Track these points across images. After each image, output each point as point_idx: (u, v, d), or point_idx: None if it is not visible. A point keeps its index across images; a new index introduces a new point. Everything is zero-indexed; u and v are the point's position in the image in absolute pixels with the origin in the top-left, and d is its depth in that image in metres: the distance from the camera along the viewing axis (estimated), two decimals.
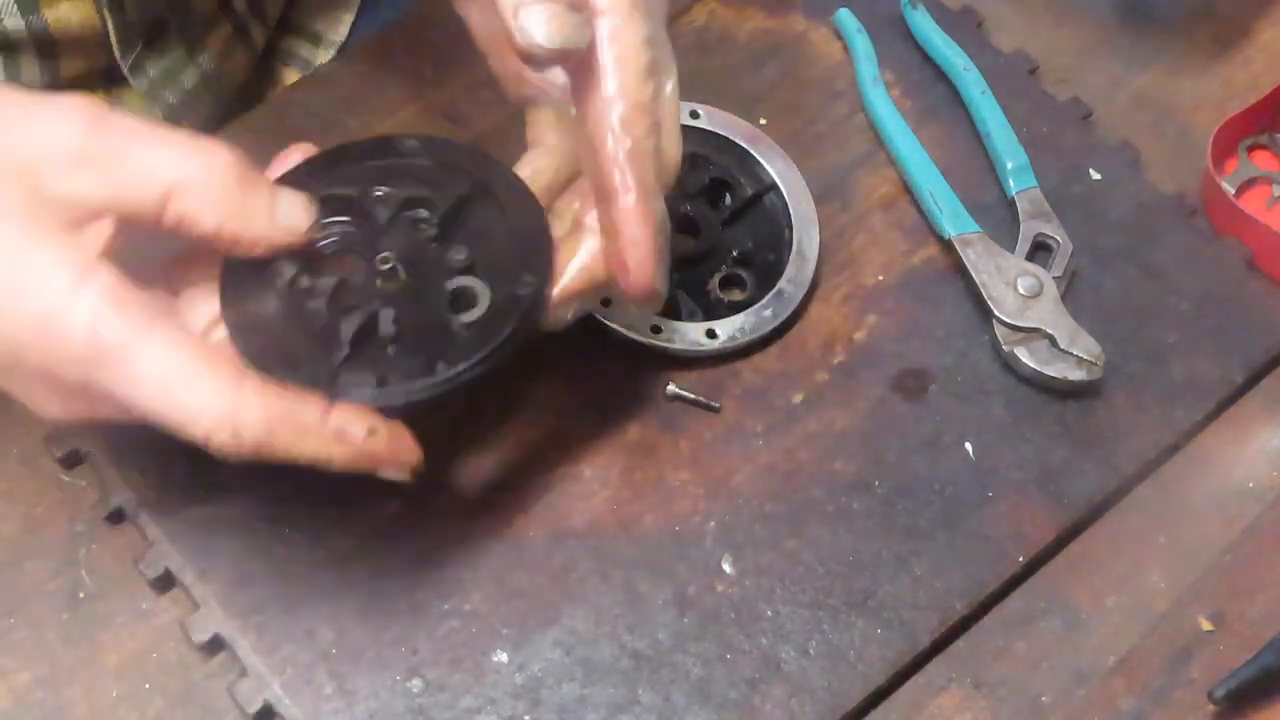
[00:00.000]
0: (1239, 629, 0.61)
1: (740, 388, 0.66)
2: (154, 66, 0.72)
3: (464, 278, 0.55)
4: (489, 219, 0.56)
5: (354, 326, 0.53)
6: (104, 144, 0.49)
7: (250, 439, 0.49)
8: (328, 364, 0.52)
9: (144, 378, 0.48)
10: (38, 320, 0.48)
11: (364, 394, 0.51)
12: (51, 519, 0.61)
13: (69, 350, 0.48)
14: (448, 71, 0.74)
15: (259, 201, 0.51)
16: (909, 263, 0.70)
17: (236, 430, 0.48)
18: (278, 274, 0.53)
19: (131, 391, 0.48)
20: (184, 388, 0.48)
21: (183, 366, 0.48)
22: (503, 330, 0.53)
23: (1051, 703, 0.60)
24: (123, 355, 0.48)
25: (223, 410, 0.48)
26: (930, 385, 0.67)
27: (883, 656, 0.60)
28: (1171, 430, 0.66)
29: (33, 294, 0.48)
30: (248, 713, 0.57)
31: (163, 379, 0.48)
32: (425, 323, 0.54)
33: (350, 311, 0.53)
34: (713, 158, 0.71)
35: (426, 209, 0.56)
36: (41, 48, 0.68)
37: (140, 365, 0.48)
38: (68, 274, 0.48)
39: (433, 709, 0.58)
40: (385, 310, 0.53)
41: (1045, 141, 0.73)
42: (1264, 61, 0.79)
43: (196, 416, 0.48)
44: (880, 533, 0.63)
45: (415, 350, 0.53)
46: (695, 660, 0.59)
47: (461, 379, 0.52)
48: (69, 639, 0.59)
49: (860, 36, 0.75)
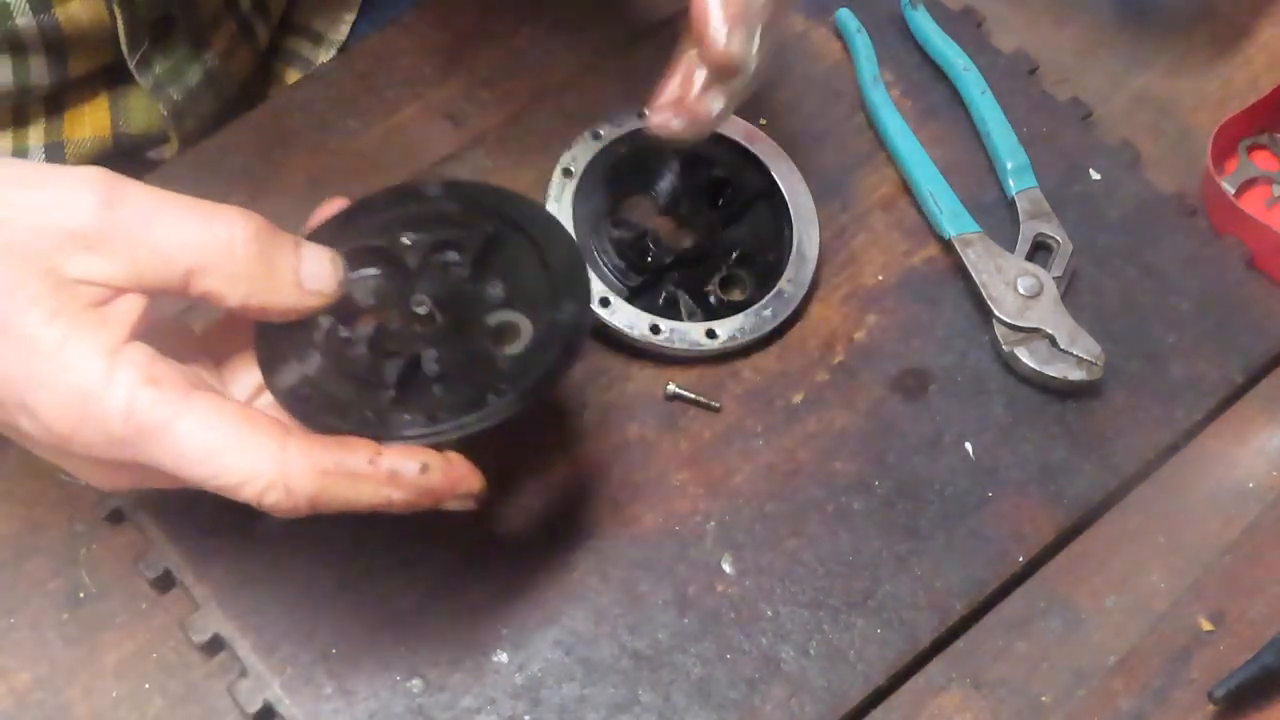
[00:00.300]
0: (1239, 629, 0.61)
1: (740, 388, 0.66)
2: (160, 63, 0.73)
3: (503, 311, 0.55)
4: (520, 253, 0.57)
5: (398, 369, 0.53)
6: (120, 221, 0.48)
7: (304, 495, 0.48)
8: (375, 408, 0.52)
9: (188, 450, 0.48)
10: (76, 409, 0.47)
11: (416, 432, 0.51)
12: (51, 519, 0.61)
13: (110, 434, 0.48)
14: (448, 71, 0.74)
15: (284, 270, 0.51)
16: (909, 263, 0.70)
17: (289, 488, 0.48)
18: (314, 327, 0.53)
19: (177, 465, 0.48)
20: (230, 454, 0.48)
21: (225, 433, 0.48)
22: (549, 356, 0.53)
23: (1051, 703, 0.60)
24: (164, 432, 0.48)
25: (272, 471, 0.48)
26: (930, 385, 0.67)
27: (883, 656, 0.60)
28: (1171, 430, 0.66)
29: (67, 383, 0.47)
30: (248, 713, 0.57)
31: (207, 449, 0.48)
32: (469, 358, 0.54)
33: (392, 356, 0.53)
34: (713, 158, 0.71)
35: (456, 251, 0.56)
36: (51, 46, 0.68)
37: (182, 439, 0.48)
38: (99, 359, 0.47)
39: (433, 709, 0.58)
40: (428, 351, 0.53)
41: (1045, 141, 0.73)
42: (1264, 61, 0.79)
43: (247, 480, 0.48)
44: (880, 533, 0.63)
45: (463, 386, 0.53)
46: (695, 660, 0.59)
47: (514, 408, 0.52)
48: (69, 639, 0.59)
49: (860, 36, 0.75)
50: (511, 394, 0.52)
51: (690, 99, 0.59)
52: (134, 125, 0.75)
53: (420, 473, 0.50)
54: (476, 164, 0.69)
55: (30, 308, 0.47)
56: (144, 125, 0.75)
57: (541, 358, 0.53)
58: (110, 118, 0.74)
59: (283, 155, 0.71)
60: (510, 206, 0.57)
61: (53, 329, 0.47)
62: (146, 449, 0.48)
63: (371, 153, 0.72)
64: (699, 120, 0.60)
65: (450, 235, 0.56)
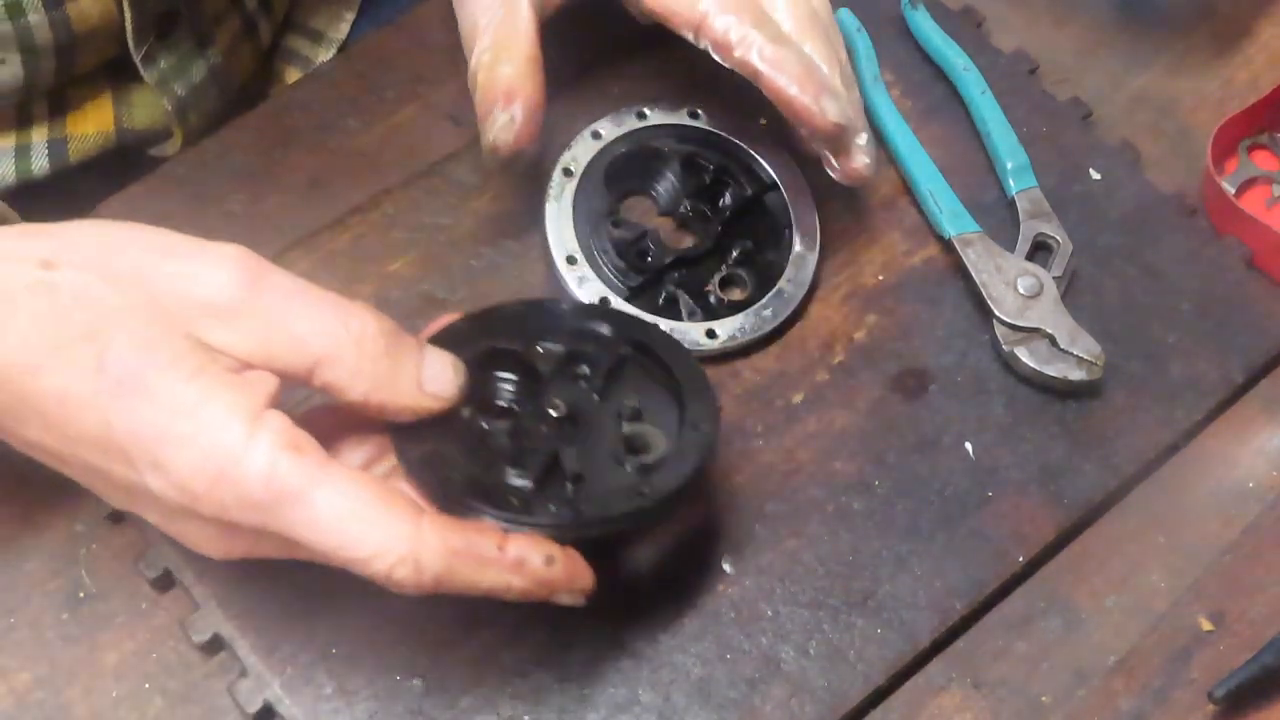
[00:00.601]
0: (1239, 629, 0.62)
1: (740, 387, 0.66)
2: (165, 59, 0.73)
3: (636, 424, 0.58)
4: (648, 374, 0.60)
5: (542, 462, 0.55)
6: (261, 302, 0.50)
7: (431, 573, 0.49)
8: (518, 496, 0.54)
9: (323, 520, 0.48)
10: (214, 470, 0.48)
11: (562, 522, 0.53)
12: (51, 519, 0.61)
13: (246, 497, 0.48)
14: (448, 71, 0.73)
15: (406, 371, 0.52)
16: (909, 263, 0.70)
17: (419, 566, 0.49)
18: (455, 415, 0.54)
19: (310, 534, 0.49)
20: (365, 526, 0.49)
21: (361, 507, 0.49)
22: (686, 467, 0.56)
23: (1051, 703, 0.60)
24: (301, 499, 0.48)
25: (405, 547, 0.49)
26: (930, 385, 0.67)
27: (883, 656, 0.60)
28: (1171, 430, 0.66)
29: (207, 444, 0.48)
30: (248, 713, 0.57)
31: (343, 519, 0.49)
32: (604, 462, 0.56)
33: (533, 452, 0.55)
34: (713, 158, 0.71)
35: (588, 364, 0.59)
36: (60, 42, 0.68)
37: (319, 507, 0.48)
38: (241, 422, 0.48)
39: (433, 709, 0.58)
40: (568, 449, 0.56)
41: (1045, 141, 0.73)
42: (1264, 61, 0.79)
43: (379, 554, 0.49)
44: (880, 533, 0.63)
45: (599, 487, 0.55)
46: (695, 660, 0.59)
47: (658, 513, 0.55)
48: (69, 639, 0.59)
49: (860, 36, 0.75)
50: (653, 499, 0.55)
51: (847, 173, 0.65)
52: (137, 121, 0.75)
53: (545, 564, 0.51)
54: (477, 164, 0.69)
55: (171, 366, 0.48)
56: (147, 121, 0.75)
57: (678, 469, 0.56)
58: (114, 113, 0.74)
59: (283, 155, 0.71)
60: (635, 329, 0.61)
61: (193, 387, 0.48)
62: (282, 515, 0.48)
63: (371, 153, 0.72)
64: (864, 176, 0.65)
65: (583, 348, 0.59)
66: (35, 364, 0.49)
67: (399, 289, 0.67)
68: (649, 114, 0.71)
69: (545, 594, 0.52)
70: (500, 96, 0.62)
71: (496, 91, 0.62)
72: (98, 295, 0.49)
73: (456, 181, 0.71)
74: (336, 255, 0.68)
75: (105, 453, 0.50)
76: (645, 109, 0.71)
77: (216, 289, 0.50)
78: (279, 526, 0.49)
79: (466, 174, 0.71)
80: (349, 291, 0.66)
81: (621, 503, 0.54)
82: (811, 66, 0.63)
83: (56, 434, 0.50)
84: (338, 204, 0.70)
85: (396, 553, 0.49)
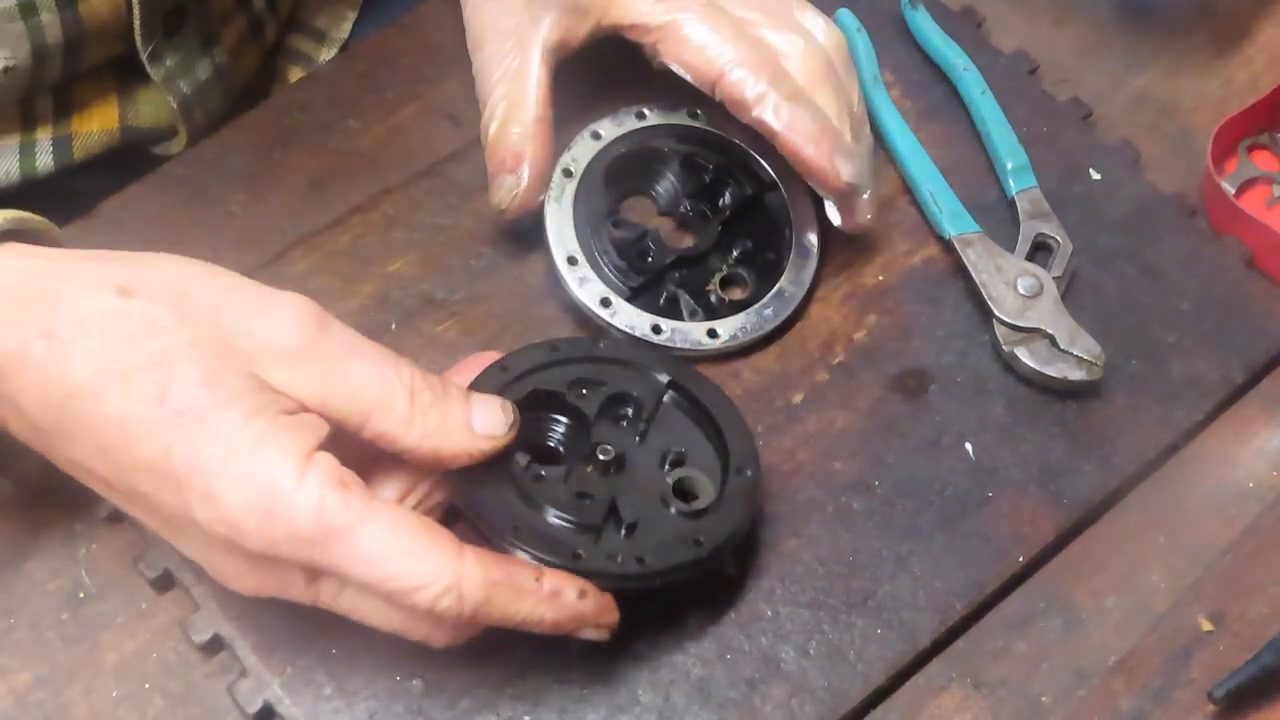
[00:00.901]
0: (1239, 629, 0.61)
1: (740, 387, 0.66)
2: (171, 56, 0.73)
3: (681, 469, 0.59)
4: (685, 412, 0.62)
5: (602, 512, 0.57)
6: (323, 349, 0.53)
7: (472, 603, 0.51)
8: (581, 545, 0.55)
9: (371, 553, 0.50)
10: (265, 504, 0.49)
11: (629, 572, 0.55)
12: (51, 519, 0.61)
13: (295, 531, 0.50)
14: (448, 71, 0.74)
15: (456, 417, 0.54)
16: (909, 263, 0.70)
17: (461, 595, 0.51)
18: (509, 460, 0.56)
19: (358, 567, 0.50)
20: (411, 559, 0.50)
21: (407, 540, 0.51)
22: (735, 514, 0.58)
23: (1051, 703, 0.60)
24: (349, 534, 0.50)
25: (449, 578, 0.50)
26: (930, 385, 0.67)
27: (883, 656, 0.60)
28: (1171, 430, 0.66)
29: (261, 479, 0.50)
30: (248, 713, 0.57)
31: (389, 553, 0.50)
32: (653, 510, 0.58)
33: (589, 499, 0.57)
34: (712, 158, 0.71)
35: (629, 406, 0.61)
36: (69, 39, 0.68)
37: (367, 541, 0.50)
38: (293, 461, 0.50)
39: (433, 709, 0.58)
40: (623, 498, 0.57)
41: (1045, 141, 0.73)
42: (1264, 61, 0.79)
43: (424, 585, 0.50)
44: (880, 533, 0.63)
45: (651, 535, 0.57)
46: (695, 660, 0.59)
47: (713, 564, 0.57)
48: (69, 639, 0.59)
49: (860, 36, 0.75)
50: (710, 549, 0.56)
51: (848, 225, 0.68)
52: (142, 119, 0.75)
53: (578, 598, 0.54)
54: (477, 164, 0.69)
55: (231, 404, 0.50)
56: (152, 119, 0.75)
57: (728, 516, 0.58)
58: (119, 111, 0.74)
59: (283, 155, 0.71)
60: (673, 369, 0.62)
61: (251, 427, 0.50)
62: (329, 549, 0.50)
63: (371, 153, 0.72)
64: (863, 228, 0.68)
65: (624, 390, 0.60)
66: (100, 387, 0.50)
67: (399, 289, 0.67)
68: (649, 114, 0.71)
69: (574, 628, 0.54)
70: (508, 158, 0.65)
71: (505, 153, 0.65)
72: (167, 326, 0.51)
73: (456, 181, 0.71)
74: (336, 255, 0.68)
75: (157, 481, 0.51)
76: (645, 109, 0.71)
77: (281, 334, 0.52)
78: (326, 560, 0.50)
79: (466, 174, 0.71)
80: (349, 291, 0.67)
81: (679, 552, 0.56)
82: (826, 125, 0.64)
83: (110, 459, 0.51)
84: (338, 204, 0.70)
85: (442, 583, 0.50)
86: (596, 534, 0.56)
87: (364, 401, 0.52)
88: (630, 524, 0.57)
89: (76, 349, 0.51)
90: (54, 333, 0.51)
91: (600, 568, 0.55)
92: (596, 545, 0.56)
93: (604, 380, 0.60)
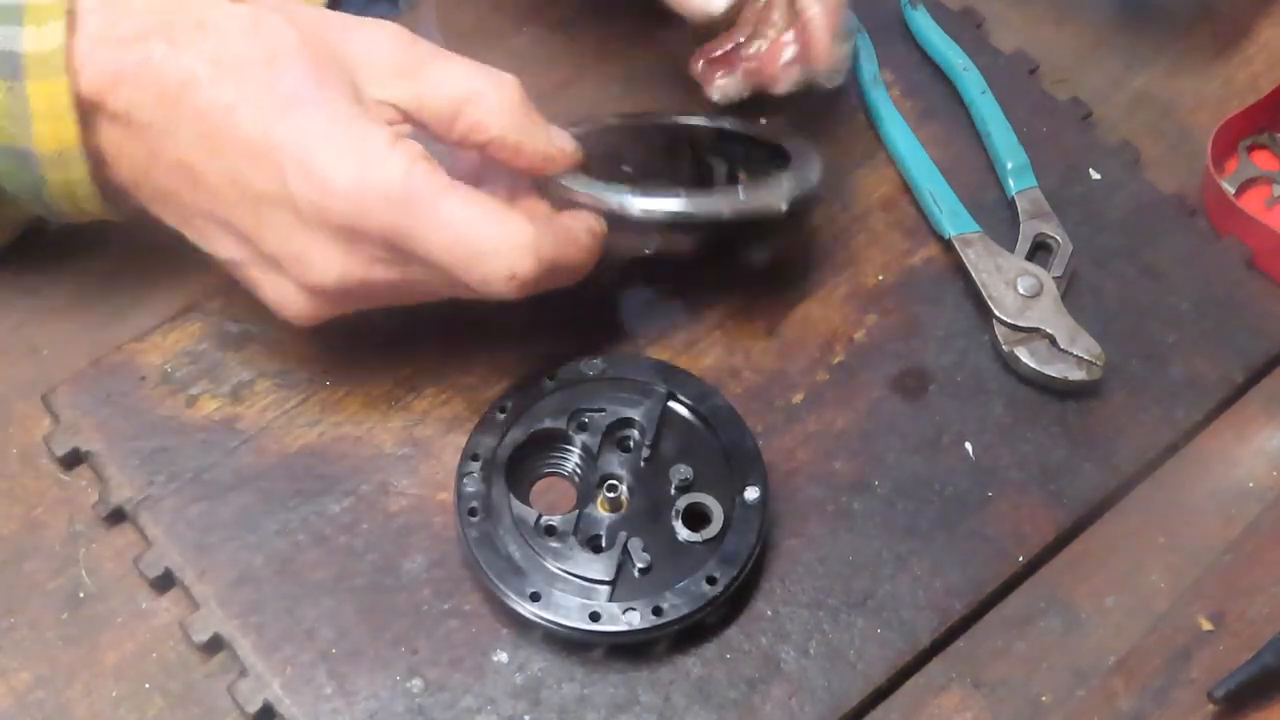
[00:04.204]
0: (1239, 629, 0.61)
1: (740, 387, 0.66)
2: None
3: (690, 495, 0.60)
4: (692, 433, 0.62)
5: (615, 564, 0.58)
6: (412, 59, 0.57)
7: (549, 260, 0.56)
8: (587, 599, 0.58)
9: (452, 219, 0.54)
10: (357, 168, 0.54)
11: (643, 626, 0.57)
12: (51, 519, 0.61)
13: (385, 193, 0.54)
14: None
15: (537, 121, 0.58)
16: (909, 263, 0.70)
17: (539, 253, 0.55)
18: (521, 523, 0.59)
19: (439, 233, 0.54)
20: (491, 224, 0.55)
21: (486, 209, 0.55)
22: (746, 541, 0.59)
23: (1051, 703, 0.60)
24: (433, 201, 0.54)
25: (527, 236, 0.55)
26: (930, 385, 0.67)
27: (883, 656, 0.60)
28: (1171, 430, 0.66)
29: (355, 146, 0.54)
30: (248, 713, 0.57)
31: (469, 220, 0.54)
32: (666, 543, 0.59)
33: (601, 547, 0.59)
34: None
35: (633, 429, 0.62)
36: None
37: (449, 209, 0.54)
38: (386, 137, 0.54)
39: (433, 709, 0.58)
40: (634, 540, 0.59)
41: (1045, 141, 0.73)
42: (1264, 61, 0.79)
43: (504, 248, 0.55)
44: (880, 533, 0.63)
45: (667, 572, 0.58)
46: (695, 660, 0.59)
47: (720, 599, 0.58)
48: (69, 639, 0.59)
49: (860, 36, 0.75)
50: (722, 585, 0.58)
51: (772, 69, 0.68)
52: None
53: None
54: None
55: (336, 98, 0.55)
56: None
57: (739, 543, 0.59)
58: None
59: None
60: (666, 377, 0.63)
61: (350, 110, 0.55)
62: (413, 214, 0.54)
63: None
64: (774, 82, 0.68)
65: (625, 414, 0.62)
66: (214, 77, 0.54)
67: None
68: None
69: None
70: None
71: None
72: (278, 28, 0.55)
73: None
74: None
75: (256, 160, 0.54)
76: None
77: (379, 47, 0.57)
78: (408, 224, 0.54)
79: None
80: None
81: (694, 597, 0.58)
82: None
83: (207, 144, 0.55)
84: None
85: (520, 243, 0.55)
86: (611, 588, 0.58)
87: (457, 93, 0.57)
88: (644, 569, 0.58)
89: (196, 46, 0.54)
90: (175, 38, 0.54)
91: (619, 629, 0.57)
92: (611, 599, 0.57)
93: (602, 407, 0.61)
